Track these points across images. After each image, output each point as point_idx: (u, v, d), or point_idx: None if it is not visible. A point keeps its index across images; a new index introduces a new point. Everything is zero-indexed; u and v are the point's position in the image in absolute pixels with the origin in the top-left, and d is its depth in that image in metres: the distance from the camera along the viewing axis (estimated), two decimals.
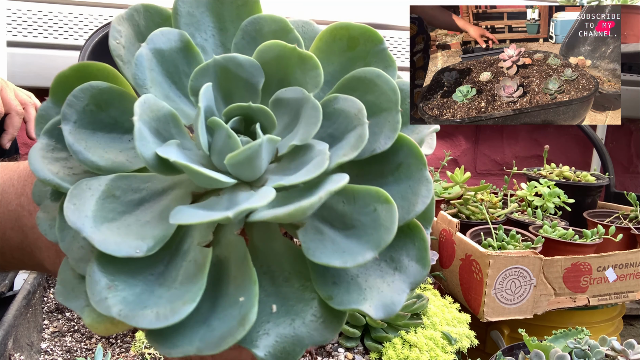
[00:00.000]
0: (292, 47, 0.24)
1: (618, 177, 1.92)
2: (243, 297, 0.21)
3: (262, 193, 0.21)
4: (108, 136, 0.24)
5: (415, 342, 0.71)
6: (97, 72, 0.25)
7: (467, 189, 1.19)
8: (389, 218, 0.21)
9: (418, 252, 0.24)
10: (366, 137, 0.22)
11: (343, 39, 0.26)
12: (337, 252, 0.22)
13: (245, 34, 0.26)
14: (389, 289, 0.23)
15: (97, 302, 0.20)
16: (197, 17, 0.26)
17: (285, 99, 0.25)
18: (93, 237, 0.20)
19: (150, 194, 0.23)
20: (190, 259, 0.22)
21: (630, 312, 1.73)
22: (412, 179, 0.24)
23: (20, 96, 0.96)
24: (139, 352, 0.68)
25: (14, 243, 0.29)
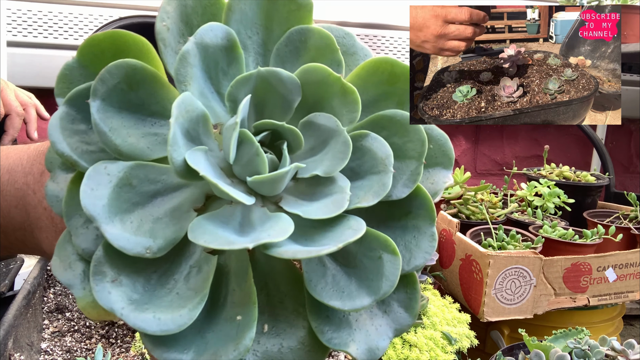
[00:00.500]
0: (337, 76, 0.24)
1: (618, 177, 1.92)
2: (241, 316, 0.21)
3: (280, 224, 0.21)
4: (133, 116, 0.23)
5: (415, 342, 0.71)
6: (132, 45, 0.24)
7: (467, 189, 1.19)
8: (392, 271, 0.22)
9: (408, 302, 0.24)
10: (389, 187, 0.23)
11: (385, 73, 0.26)
12: (337, 291, 0.22)
13: (290, 42, 0.26)
14: (375, 332, 0.23)
15: (101, 296, 0.20)
16: (248, 15, 0.26)
17: (317, 124, 0.25)
18: (106, 229, 0.20)
19: (165, 187, 0.23)
20: (194, 263, 0.22)
21: (630, 312, 1.73)
22: (419, 232, 0.24)
23: (20, 97, 0.97)
24: (139, 352, 0.68)
25: (16, 223, 0.29)
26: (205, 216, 0.22)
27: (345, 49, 0.28)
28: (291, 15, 0.26)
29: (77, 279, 0.22)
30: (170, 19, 0.24)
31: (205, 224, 0.21)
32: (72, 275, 0.22)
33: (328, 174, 0.23)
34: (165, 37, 0.24)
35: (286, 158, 0.24)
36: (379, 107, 0.26)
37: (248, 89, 0.24)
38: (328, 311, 0.23)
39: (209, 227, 0.21)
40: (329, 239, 0.21)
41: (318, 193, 0.23)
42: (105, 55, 0.24)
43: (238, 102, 0.24)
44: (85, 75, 0.24)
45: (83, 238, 0.22)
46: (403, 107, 0.26)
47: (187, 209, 0.23)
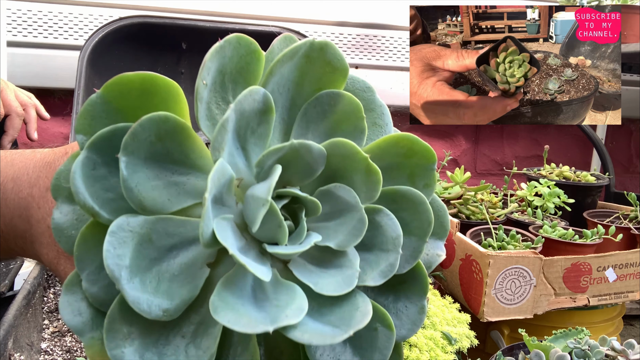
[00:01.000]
0: (364, 156, 0.24)
1: (618, 177, 1.92)
2: None
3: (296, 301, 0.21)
4: (156, 165, 0.23)
5: (415, 342, 0.71)
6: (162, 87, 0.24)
7: (467, 189, 1.18)
8: (386, 344, 0.23)
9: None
10: (396, 268, 0.23)
11: (404, 148, 0.27)
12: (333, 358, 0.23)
13: (319, 104, 0.27)
14: None
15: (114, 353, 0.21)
16: (284, 75, 0.27)
17: (336, 194, 0.25)
18: (128, 291, 0.20)
19: (181, 240, 0.23)
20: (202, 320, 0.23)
21: (630, 312, 1.73)
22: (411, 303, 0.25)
23: (20, 97, 0.97)
24: None
25: (18, 231, 0.29)
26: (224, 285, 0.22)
27: (365, 103, 0.28)
28: (324, 77, 0.27)
29: (87, 327, 0.22)
30: (210, 75, 0.24)
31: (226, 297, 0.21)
32: (81, 322, 0.22)
33: (341, 248, 0.24)
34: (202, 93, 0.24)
35: (304, 229, 0.24)
36: (391, 175, 0.27)
37: (277, 157, 0.24)
38: None
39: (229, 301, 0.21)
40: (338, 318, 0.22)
41: (328, 263, 0.24)
42: (131, 94, 0.24)
43: (265, 167, 0.24)
44: (107, 111, 0.24)
45: (94, 285, 0.22)
46: (414, 180, 0.27)
47: (201, 265, 0.23)
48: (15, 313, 0.62)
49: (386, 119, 0.29)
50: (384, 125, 0.29)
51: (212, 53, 0.24)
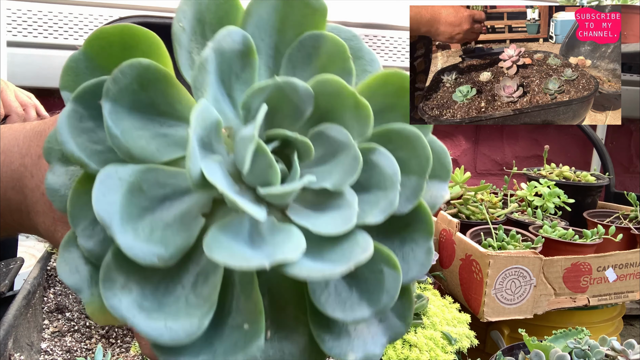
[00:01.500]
0: (352, 91, 0.24)
1: (618, 177, 1.92)
2: (248, 324, 0.21)
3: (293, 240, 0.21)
4: (143, 116, 0.23)
5: (415, 342, 0.71)
6: (143, 40, 0.24)
7: (467, 189, 1.18)
8: (393, 285, 0.23)
9: (403, 311, 0.25)
10: (396, 204, 0.23)
11: (394, 86, 0.26)
12: (339, 303, 0.22)
13: (302, 47, 0.26)
14: (372, 341, 0.24)
15: (111, 303, 0.20)
16: (264, 18, 0.26)
17: (327, 135, 0.25)
18: (120, 238, 0.20)
19: (174, 191, 0.23)
20: (201, 270, 0.22)
21: (630, 312, 1.73)
22: (417, 245, 0.25)
23: (20, 97, 0.97)
24: (139, 352, 0.68)
25: (13, 204, 0.28)
26: (219, 227, 0.21)
27: (353, 52, 0.27)
28: (305, 19, 0.26)
29: (85, 283, 0.22)
30: (186, 18, 0.24)
31: (220, 238, 0.21)
32: (79, 279, 0.22)
33: (337, 187, 0.23)
34: (180, 38, 0.24)
35: (297, 170, 0.23)
36: (385, 117, 0.26)
37: (263, 98, 0.24)
38: (329, 321, 0.23)
39: (224, 241, 0.21)
40: (338, 256, 0.21)
41: (325, 205, 0.23)
42: (113, 48, 0.23)
43: (252, 111, 0.24)
44: (91, 67, 0.24)
45: (89, 240, 0.22)
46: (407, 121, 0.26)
47: (196, 214, 0.23)
48: (15, 313, 0.62)
49: (376, 66, 0.28)
50: (375, 71, 0.28)
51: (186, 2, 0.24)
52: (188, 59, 0.24)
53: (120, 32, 0.23)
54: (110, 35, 0.23)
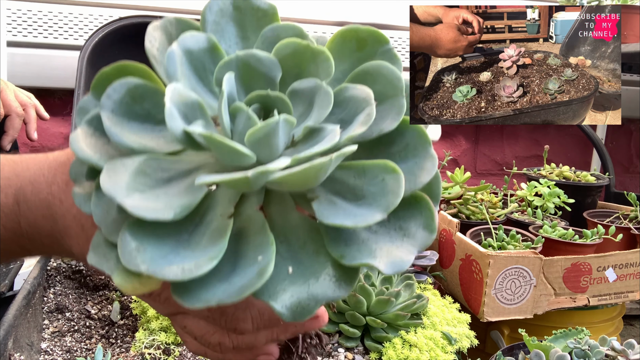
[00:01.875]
0: (306, 43, 0.27)
1: (618, 177, 1.92)
2: (261, 256, 0.23)
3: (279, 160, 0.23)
4: (141, 125, 0.26)
5: (415, 342, 0.71)
6: (135, 71, 0.27)
7: (467, 189, 1.18)
8: (396, 185, 0.24)
9: (425, 220, 0.26)
10: (374, 114, 0.25)
11: (352, 41, 0.29)
12: (349, 216, 0.24)
13: (265, 40, 0.29)
14: (397, 250, 0.25)
15: (127, 261, 0.22)
16: (222, 25, 0.29)
17: (300, 90, 0.27)
18: (125, 201, 0.22)
19: (177, 173, 0.25)
20: (213, 227, 0.25)
21: (630, 312, 1.73)
22: (418, 156, 0.26)
23: (20, 97, 0.97)
24: (139, 352, 0.68)
25: (44, 231, 0.30)
26: None
27: None
28: (261, 22, 0.30)
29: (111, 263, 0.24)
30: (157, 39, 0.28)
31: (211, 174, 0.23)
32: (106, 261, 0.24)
33: (317, 122, 0.26)
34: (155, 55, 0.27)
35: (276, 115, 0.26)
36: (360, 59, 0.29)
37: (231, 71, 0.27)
38: (346, 240, 0.25)
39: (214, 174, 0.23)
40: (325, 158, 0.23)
41: (314, 142, 0.25)
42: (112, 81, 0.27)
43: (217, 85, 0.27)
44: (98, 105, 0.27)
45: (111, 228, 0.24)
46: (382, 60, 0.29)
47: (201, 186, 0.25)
48: (15, 313, 0.62)
49: None
50: None
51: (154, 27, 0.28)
52: None
53: (116, 69, 0.27)
54: (109, 74, 0.27)
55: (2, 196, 0.30)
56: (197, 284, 0.23)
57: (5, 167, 0.31)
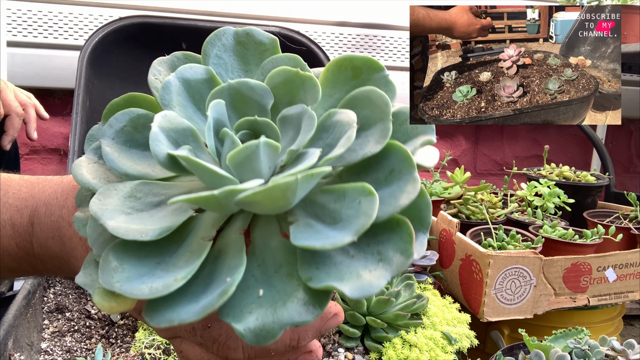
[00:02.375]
0: (295, 70, 0.28)
1: (618, 177, 1.92)
2: (229, 277, 0.23)
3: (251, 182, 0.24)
4: (141, 153, 0.28)
5: (415, 342, 0.71)
6: (142, 101, 0.29)
7: (467, 189, 1.18)
8: (370, 207, 0.24)
9: (403, 245, 0.25)
10: (353, 136, 0.25)
11: (348, 69, 0.29)
12: (320, 238, 0.24)
13: (265, 71, 0.30)
14: (369, 275, 0.24)
15: (104, 280, 0.23)
16: (224, 60, 0.31)
17: (289, 116, 0.28)
18: (107, 222, 0.23)
19: (167, 198, 0.26)
20: (191, 250, 0.25)
21: (630, 312, 1.73)
22: (402, 180, 0.26)
23: (20, 97, 0.96)
24: (139, 352, 0.68)
25: (53, 252, 0.32)
26: None
27: None
28: (263, 55, 0.31)
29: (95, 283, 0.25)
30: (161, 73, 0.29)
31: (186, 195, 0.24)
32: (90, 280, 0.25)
33: (301, 146, 0.26)
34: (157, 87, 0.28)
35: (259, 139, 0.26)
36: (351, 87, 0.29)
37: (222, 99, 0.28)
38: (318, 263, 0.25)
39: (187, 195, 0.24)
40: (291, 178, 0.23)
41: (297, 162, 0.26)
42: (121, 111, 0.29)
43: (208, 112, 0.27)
44: None
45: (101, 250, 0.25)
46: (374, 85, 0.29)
47: (186, 208, 0.26)
48: (15, 313, 0.62)
49: None
50: None
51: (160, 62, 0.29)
52: None
53: (126, 99, 0.29)
54: (118, 104, 0.29)
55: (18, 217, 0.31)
56: (165, 304, 0.23)
57: (22, 187, 0.32)
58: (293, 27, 1.28)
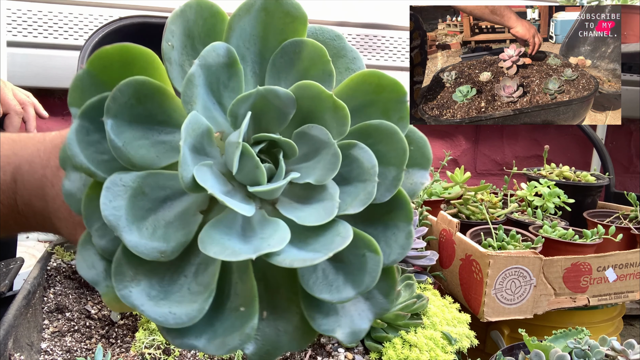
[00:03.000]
0: (329, 94, 0.26)
1: (618, 177, 1.92)
2: (244, 307, 0.24)
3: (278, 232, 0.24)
4: (142, 127, 0.26)
5: (415, 342, 0.71)
6: (139, 57, 0.26)
7: (467, 189, 1.18)
8: (374, 267, 0.25)
9: (387, 289, 0.27)
10: (374, 195, 0.25)
11: (372, 84, 0.28)
12: (326, 285, 0.25)
13: (285, 53, 0.28)
14: (358, 317, 0.26)
15: (123, 294, 0.23)
16: (247, 30, 0.29)
17: (310, 134, 0.27)
18: (126, 237, 0.23)
19: (174, 192, 0.26)
20: (201, 261, 0.25)
21: (630, 312, 1.73)
22: (398, 230, 0.27)
23: (18, 96, 0.97)
24: (139, 352, 0.68)
25: (37, 209, 0.32)
26: (212, 224, 0.24)
27: (336, 51, 0.30)
28: (286, 27, 0.29)
29: (101, 277, 0.25)
30: (175, 37, 0.27)
31: (213, 234, 0.23)
32: (95, 273, 0.25)
33: (319, 182, 0.26)
34: (170, 55, 0.27)
35: (282, 168, 0.26)
36: (365, 113, 0.29)
37: (248, 105, 0.26)
38: (318, 302, 0.26)
39: (216, 237, 0.23)
40: (320, 245, 0.24)
41: (310, 198, 0.26)
42: (114, 66, 0.26)
43: (239, 117, 0.26)
44: (95, 84, 0.26)
45: (102, 239, 0.25)
46: (389, 115, 0.28)
47: (194, 212, 0.26)
48: (15, 313, 0.62)
49: (359, 64, 0.31)
50: (358, 69, 0.30)
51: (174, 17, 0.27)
52: (180, 72, 0.27)
53: (119, 50, 0.26)
54: (111, 54, 0.26)
55: (1, 173, 0.31)
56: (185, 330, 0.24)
57: (5, 145, 0.32)
58: None
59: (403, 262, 0.87)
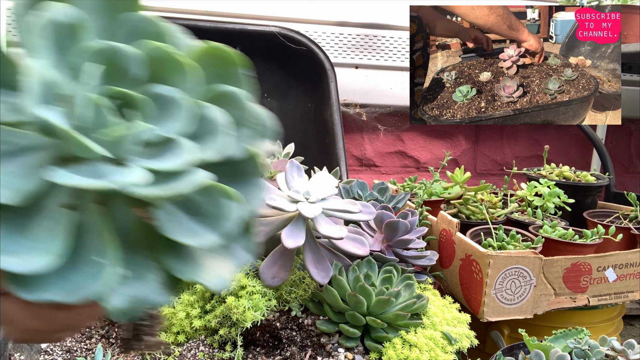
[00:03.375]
0: (182, 55, 0.28)
1: (618, 177, 1.92)
2: (102, 258, 0.24)
3: (134, 172, 0.24)
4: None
5: (415, 342, 0.71)
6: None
7: (467, 189, 1.18)
8: (233, 212, 0.27)
9: (247, 244, 0.30)
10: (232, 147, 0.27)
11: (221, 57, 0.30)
12: (188, 232, 0.26)
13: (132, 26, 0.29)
14: (222, 268, 0.28)
15: None
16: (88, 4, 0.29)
17: (162, 95, 0.28)
18: None
19: (18, 148, 0.25)
20: (52, 217, 0.25)
21: (630, 312, 1.73)
22: (253, 186, 0.30)
23: None
24: (139, 352, 0.68)
25: None
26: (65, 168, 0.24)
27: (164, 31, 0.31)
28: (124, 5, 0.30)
29: None
30: None
31: (64, 172, 0.23)
32: None
33: (174, 134, 0.27)
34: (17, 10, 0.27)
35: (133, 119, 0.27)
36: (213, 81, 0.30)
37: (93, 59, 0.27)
38: (178, 253, 0.27)
39: (67, 174, 0.23)
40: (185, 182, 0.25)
41: (167, 152, 0.27)
42: None
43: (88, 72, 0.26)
44: None
45: None
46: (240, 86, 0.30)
47: (42, 165, 0.25)
48: None
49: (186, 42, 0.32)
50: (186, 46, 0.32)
51: None
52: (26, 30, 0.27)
53: None
54: None
55: None
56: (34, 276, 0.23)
57: None
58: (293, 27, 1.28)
59: (403, 262, 0.87)
